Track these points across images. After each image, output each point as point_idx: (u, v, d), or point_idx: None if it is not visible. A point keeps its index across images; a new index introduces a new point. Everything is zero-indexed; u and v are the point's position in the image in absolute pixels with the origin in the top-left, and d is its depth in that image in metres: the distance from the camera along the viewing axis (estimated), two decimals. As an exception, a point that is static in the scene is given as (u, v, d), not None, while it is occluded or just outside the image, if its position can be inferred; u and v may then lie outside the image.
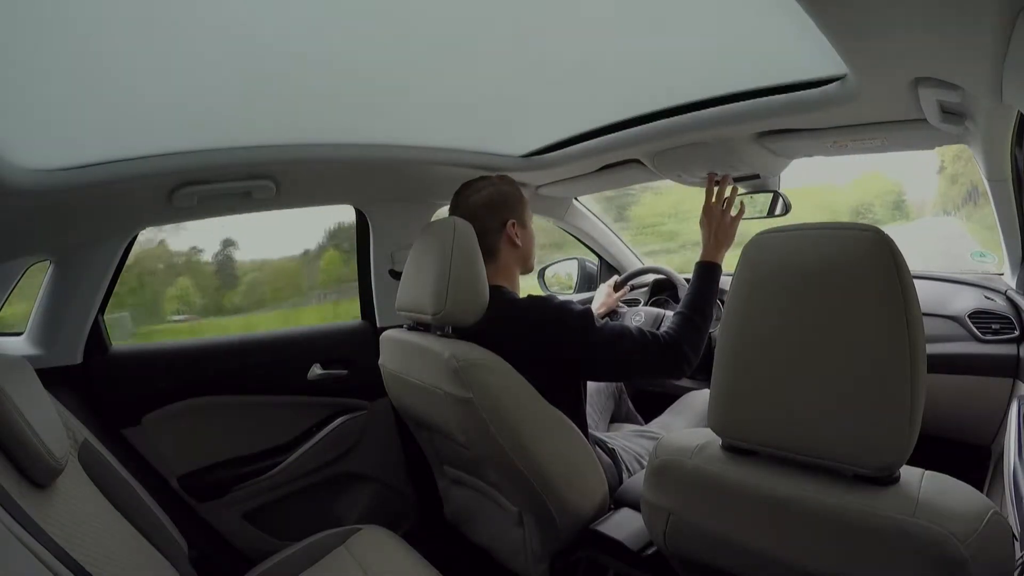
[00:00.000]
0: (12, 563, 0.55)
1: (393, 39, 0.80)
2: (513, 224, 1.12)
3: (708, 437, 0.68)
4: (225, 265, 2.24)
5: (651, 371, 1.04)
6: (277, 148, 1.09)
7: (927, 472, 0.56)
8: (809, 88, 0.92)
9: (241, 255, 2.26)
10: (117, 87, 0.77)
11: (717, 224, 1.16)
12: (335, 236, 2.29)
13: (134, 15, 0.63)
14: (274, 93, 0.91)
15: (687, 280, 1.59)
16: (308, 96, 0.95)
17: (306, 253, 2.42)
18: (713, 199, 1.19)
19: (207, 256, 2.18)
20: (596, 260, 2.06)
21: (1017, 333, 1.21)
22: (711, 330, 1.53)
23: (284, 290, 2.47)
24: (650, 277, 1.87)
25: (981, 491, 0.55)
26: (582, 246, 2.01)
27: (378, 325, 1.54)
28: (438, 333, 1.04)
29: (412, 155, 1.25)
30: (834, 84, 0.88)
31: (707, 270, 1.11)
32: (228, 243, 2.18)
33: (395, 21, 0.75)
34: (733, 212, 1.19)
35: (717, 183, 1.21)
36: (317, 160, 1.16)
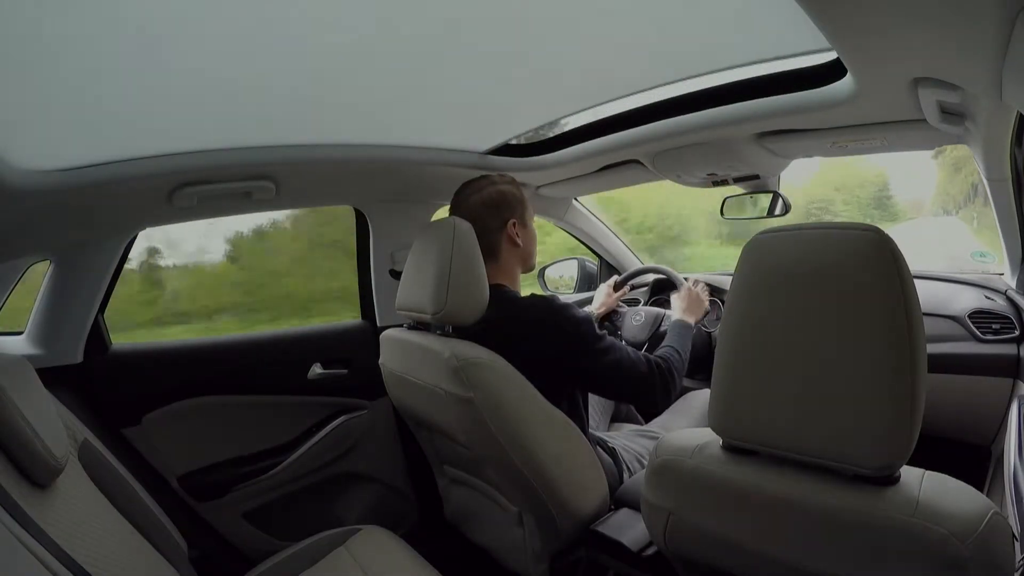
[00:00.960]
0: (12, 563, 0.55)
1: (392, 38, 0.80)
2: (514, 224, 1.12)
3: (708, 437, 0.68)
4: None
5: (639, 394, 1.08)
6: (277, 148, 1.09)
7: (927, 472, 0.56)
8: (809, 88, 0.92)
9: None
10: (117, 87, 0.77)
11: (695, 303, 1.35)
12: (235, 245, 1.89)
13: (134, 16, 0.63)
14: (274, 93, 0.91)
15: (687, 279, 1.60)
16: (308, 96, 0.95)
17: (191, 266, 1.96)
18: (691, 293, 1.37)
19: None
20: (596, 260, 2.06)
21: (1017, 333, 1.21)
22: (711, 330, 1.55)
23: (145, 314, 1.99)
24: (650, 277, 1.87)
25: (981, 491, 0.55)
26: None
27: (378, 324, 1.54)
28: (438, 332, 1.04)
29: (411, 155, 1.25)
30: (834, 84, 0.88)
31: (685, 326, 1.27)
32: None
33: (392, 21, 0.75)
34: (703, 293, 1.40)
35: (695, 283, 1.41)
36: (317, 160, 1.16)
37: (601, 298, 1.64)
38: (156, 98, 0.83)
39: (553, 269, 2.03)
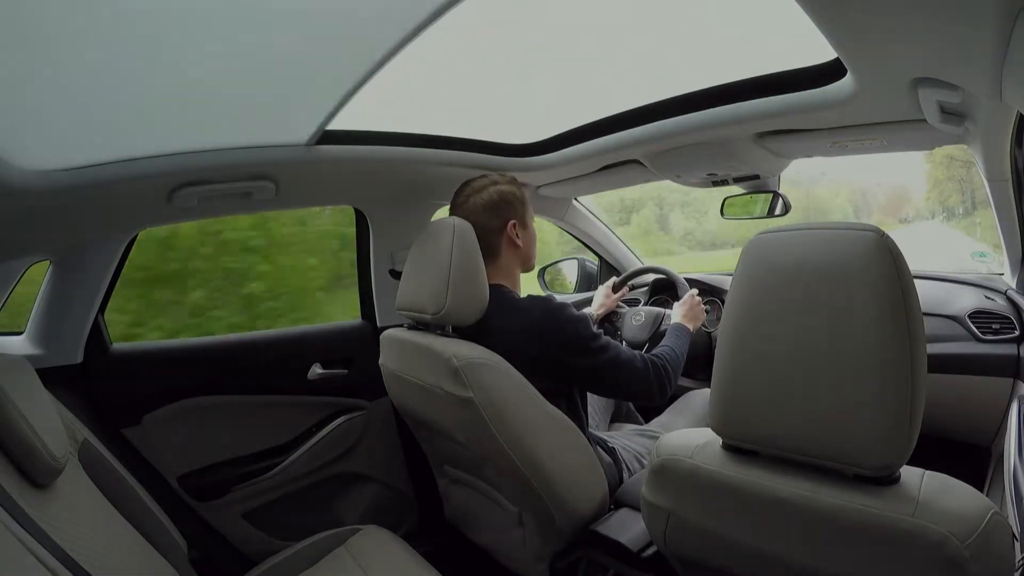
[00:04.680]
0: (12, 563, 0.55)
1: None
2: (514, 224, 1.12)
3: (708, 437, 0.68)
4: None
5: (636, 391, 1.08)
6: (277, 148, 1.09)
7: (927, 472, 0.56)
8: (809, 88, 0.92)
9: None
10: (117, 87, 0.77)
11: (696, 312, 1.35)
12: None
13: (134, 15, 0.63)
14: (273, 93, 0.91)
15: (687, 280, 1.60)
16: (307, 96, 0.94)
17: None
18: (693, 302, 1.37)
19: None
20: (596, 260, 2.07)
21: (1017, 333, 1.21)
22: (711, 331, 1.55)
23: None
24: (650, 277, 1.87)
25: (981, 491, 0.55)
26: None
27: (378, 325, 1.54)
28: (438, 332, 1.04)
29: (412, 155, 1.25)
30: (834, 84, 0.88)
31: (683, 328, 1.28)
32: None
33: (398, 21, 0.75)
34: (703, 304, 1.41)
35: (698, 293, 1.41)
36: (317, 160, 1.16)
37: (600, 300, 1.64)
38: (156, 98, 0.83)
39: (553, 269, 2.03)
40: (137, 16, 0.63)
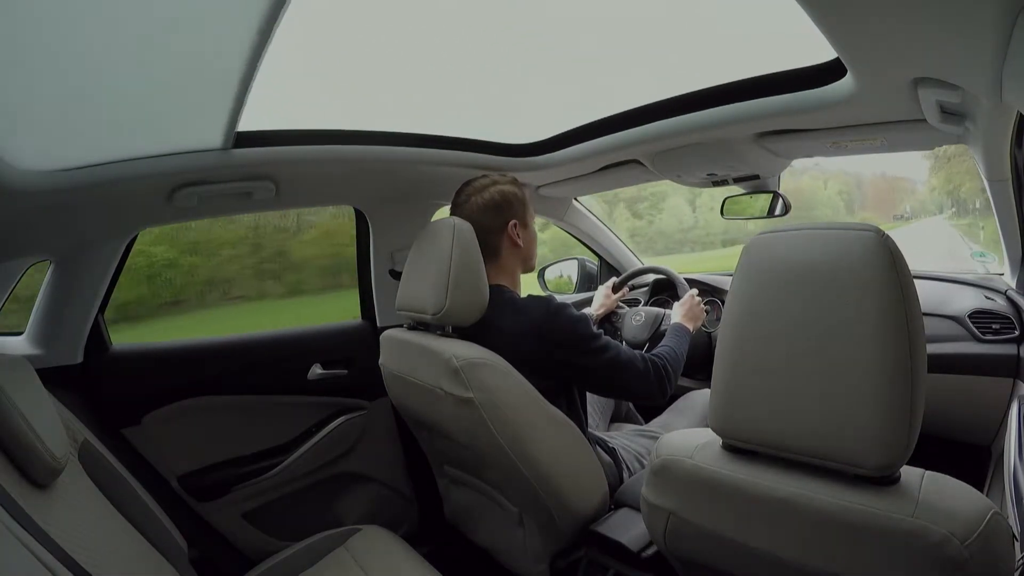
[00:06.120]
0: (12, 563, 0.55)
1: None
2: (515, 224, 1.12)
3: (708, 437, 0.68)
4: None
5: (636, 391, 1.08)
6: (277, 148, 1.09)
7: (927, 472, 0.56)
8: (808, 88, 0.92)
9: None
10: (117, 87, 0.77)
11: (696, 312, 1.35)
12: None
13: (134, 15, 0.63)
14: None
15: (687, 280, 1.60)
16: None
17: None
18: (693, 302, 1.36)
19: None
20: (596, 260, 2.07)
21: (1017, 333, 1.21)
22: (711, 331, 1.55)
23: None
24: (650, 277, 1.87)
25: (981, 491, 0.55)
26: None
27: (378, 325, 1.54)
28: (438, 333, 1.04)
29: (412, 155, 1.25)
30: (834, 84, 0.88)
31: (684, 329, 1.28)
32: None
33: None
34: (703, 304, 1.40)
35: (698, 294, 1.40)
36: (317, 160, 1.16)
37: (600, 300, 1.63)
38: (156, 98, 0.83)
39: (553, 269, 2.03)
40: (133, 16, 0.63)
